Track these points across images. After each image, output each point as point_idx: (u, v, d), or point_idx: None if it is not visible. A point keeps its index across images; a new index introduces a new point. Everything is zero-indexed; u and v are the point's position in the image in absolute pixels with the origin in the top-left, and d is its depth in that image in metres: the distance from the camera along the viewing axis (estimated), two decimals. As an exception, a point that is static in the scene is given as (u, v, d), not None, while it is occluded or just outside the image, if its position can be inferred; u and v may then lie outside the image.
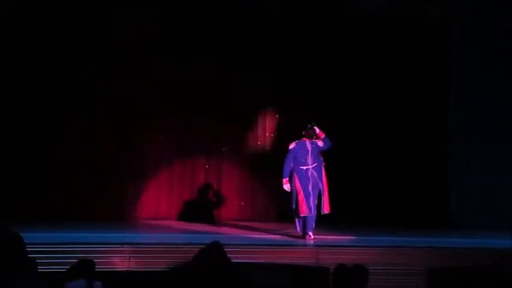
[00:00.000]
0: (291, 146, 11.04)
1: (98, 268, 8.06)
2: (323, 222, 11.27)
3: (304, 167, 10.95)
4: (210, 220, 13.37)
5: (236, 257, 9.44)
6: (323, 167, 11.09)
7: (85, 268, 7.28)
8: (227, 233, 12.20)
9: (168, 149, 13.69)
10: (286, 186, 10.98)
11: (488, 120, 14.02)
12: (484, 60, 14.16)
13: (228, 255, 6.74)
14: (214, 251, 6.56)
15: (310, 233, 10.94)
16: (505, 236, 11.24)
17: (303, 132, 11.12)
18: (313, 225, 11.02)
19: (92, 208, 12.90)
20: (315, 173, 10.94)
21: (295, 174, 10.93)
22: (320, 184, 11.01)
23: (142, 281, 8.78)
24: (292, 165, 10.94)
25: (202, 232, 12.00)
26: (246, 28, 13.85)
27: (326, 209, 11.06)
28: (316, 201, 10.97)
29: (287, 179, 10.96)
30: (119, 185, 13.31)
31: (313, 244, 10.60)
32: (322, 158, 11.15)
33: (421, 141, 14.17)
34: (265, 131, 14.03)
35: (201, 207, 13.63)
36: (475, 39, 14.21)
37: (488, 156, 13.90)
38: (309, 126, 11.11)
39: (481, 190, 13.89)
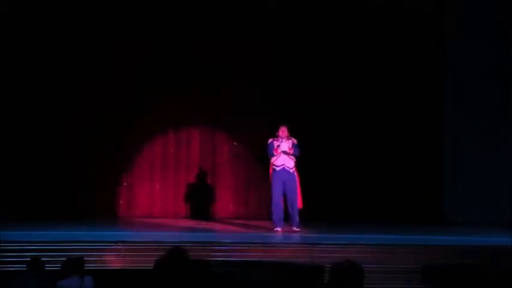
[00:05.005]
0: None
1: (93, 266, 8.17)
2: (318, 220, 11.25)
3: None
4: (205, 218, 13.46)
5: (230, 255, 9.61)
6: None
7: (76, 265, 7.36)
8: (221, 231, 12.29)
9: (165, 148, 13.77)
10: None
11: (484, 119, 14.00)
12: (482, 59, 14.11)
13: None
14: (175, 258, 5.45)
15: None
16: (500, 233, 11.24)
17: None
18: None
19: (87, 206, 12.97)
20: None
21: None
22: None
23: (136, 279, 8.81)
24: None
25: (197, 230, 12.10)
26: (245, 28, 13.88)
27: None
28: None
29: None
30: (115, 183, 13.45)
31: (307, 242, 10.63)
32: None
33: (416, 139, 14.12)
34: (262, 130, 14.05)
35: (195, 205, 13.69)
36: (472, 36, 14.16)
37: (484, 155, 13.87)
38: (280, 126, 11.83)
39: (476, 188, 13.87)
